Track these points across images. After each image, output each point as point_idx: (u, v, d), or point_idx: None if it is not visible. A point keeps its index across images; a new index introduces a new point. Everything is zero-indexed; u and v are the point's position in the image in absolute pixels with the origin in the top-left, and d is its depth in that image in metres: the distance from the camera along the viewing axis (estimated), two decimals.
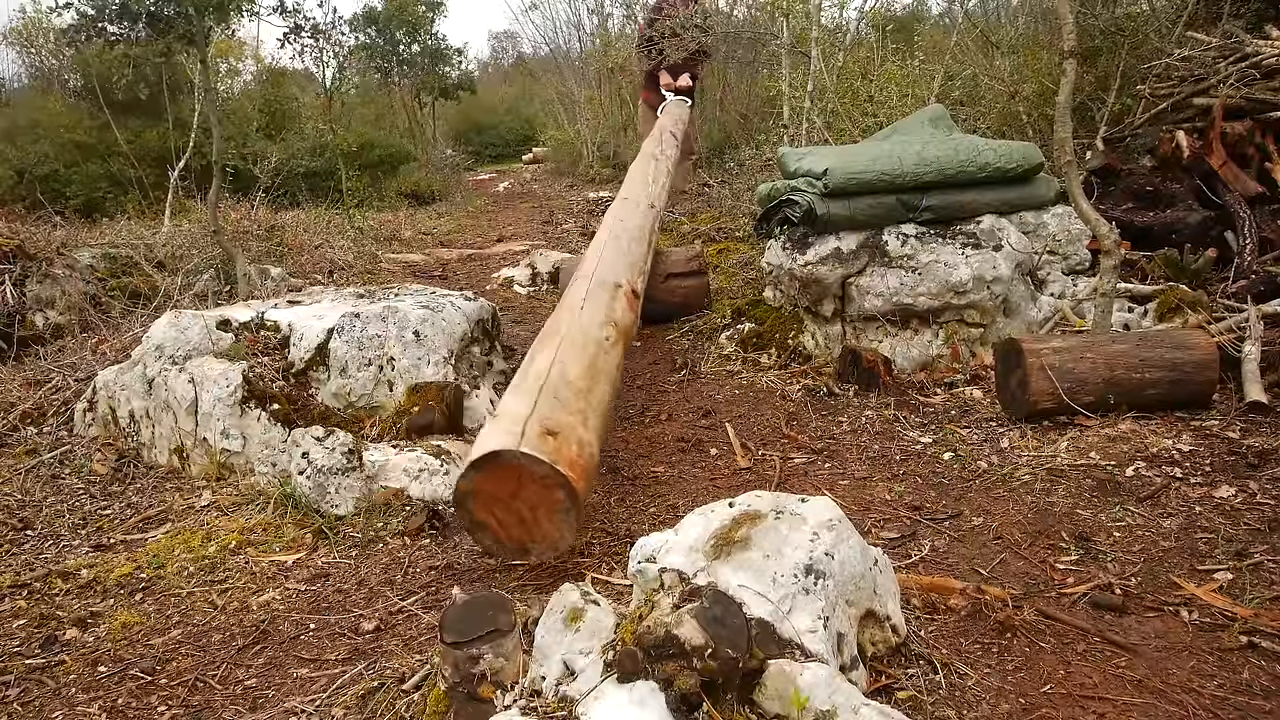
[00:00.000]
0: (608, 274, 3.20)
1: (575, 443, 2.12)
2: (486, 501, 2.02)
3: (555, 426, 2.10)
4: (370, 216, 8.80)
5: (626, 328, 2.94)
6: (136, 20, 4.86)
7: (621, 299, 3.04)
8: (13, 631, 2.15)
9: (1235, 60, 4.34)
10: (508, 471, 1.99)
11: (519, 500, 2.00)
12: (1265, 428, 2.71)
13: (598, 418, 2.31)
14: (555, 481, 1.97)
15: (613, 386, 2.56)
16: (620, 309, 2.96)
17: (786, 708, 1.40)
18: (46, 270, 4.54)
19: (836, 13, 7.78)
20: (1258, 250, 3.68)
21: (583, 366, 2.47)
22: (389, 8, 12.12)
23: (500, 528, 2.04)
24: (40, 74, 12.32)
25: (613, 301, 2.97)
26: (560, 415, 2.17)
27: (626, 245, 3.59)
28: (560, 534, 2.02)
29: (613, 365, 2.63)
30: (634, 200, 4.34)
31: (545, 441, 2.03)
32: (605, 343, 2.67)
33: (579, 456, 2.09)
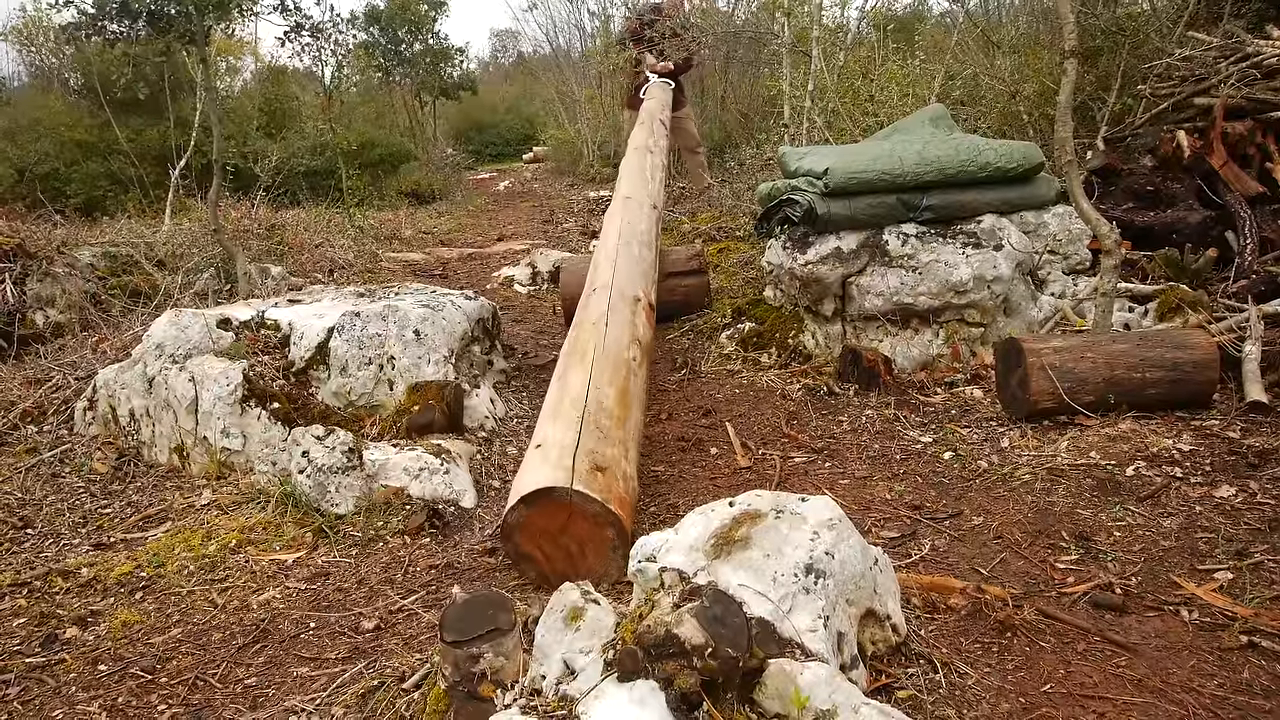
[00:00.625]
0: (626, 286, 3.17)
1: (621, 478, 2.12)
2: (534, 535, 2.02)
3: (603, 461, 2.11)
4: (370, 215, 8.80)
5: (649, 345, 2.94)
6: (136, 19, 4.86)
7: (641, 314, 3.03)
8: (13, 630, 2.15)
9: (1236, 60, 4.33)
10: (558, 508, 1.99)
11: (567, 535, 2.01)
12: (1265, 427, 2.71)
13: (635, 448, 2.32)
14: (606, 520, 1.98)
15: (643, 411, 2.55)
16: (642, 324, 2.96)
17: (787, 707, 1.40)
18: (47, 269, 4.54)
19: (837, 12, 7.77)
20: (1258, 250, 3.68)
21: (617, 391, 2.47)
22: (391, 6, 12.12)
23: (546, 561, 2.04)
24: (40, 72, 12.32)
25: (634, 317, 2.95)
26: (605, 449, 2.17)
27: (638, 252, 3.57)
28: (606, 569, 2.02)
29: (641, 388, 2.63)
30: (638, 201, 4.30)
31: (595, 479, 2.03)
32: (633, 364, 2.66)
33: (626, 493, 2.10)
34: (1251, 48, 4.34)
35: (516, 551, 2.04)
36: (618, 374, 2.54)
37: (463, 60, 13.85)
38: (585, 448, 2.13)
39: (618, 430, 2.28)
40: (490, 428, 3.21)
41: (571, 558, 2.02)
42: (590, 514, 1.98)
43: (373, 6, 12.28)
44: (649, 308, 3.17)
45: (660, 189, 4.58)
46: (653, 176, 4.69)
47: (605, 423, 2.27)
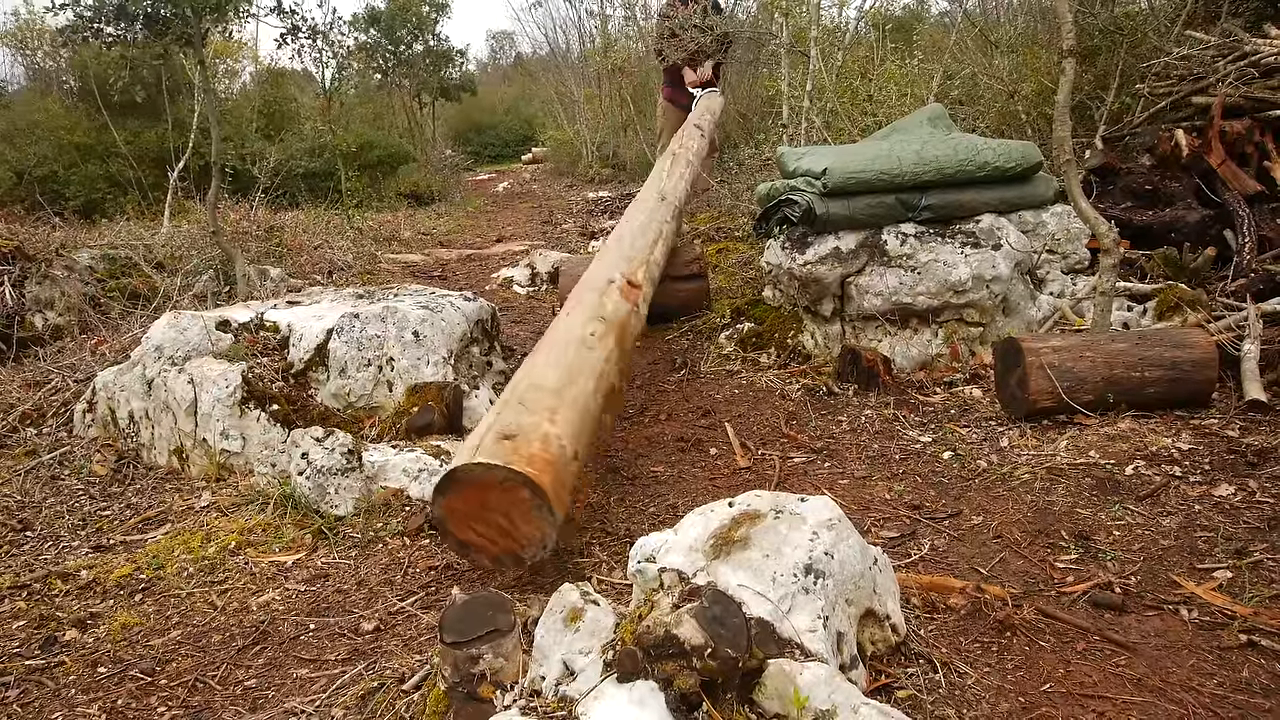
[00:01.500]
0: (599, 274, 3.16)
1: (538, 440, 2.06)
2: (463, 520, 2.00)
3: (514, 430, 2.06)
4: (369, 217, 8.81)
5: (620, 319, 2.86)
6: (133, 21, 4.86)
7: (614, 292, 2.98)
8: (12, 632, 2.15)
9: (1234, 59, 4.34)
10: (470, 487, 1.97)
11: (490, 510, 1.98)
12: (1264, 426, 2.71)
13: (572, 411, 2.25)
14: (515, 482, 1.94)
15: (597, 379, 2.47)
16: (611, 302, 2.91)
17: (786, 707, 1.40)
18: (45, 271, 4.54)
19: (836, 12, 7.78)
20: (1257, 249, 3.68)
21: (558, 369, 2.43)
22: (392, 7, 12.13)
23: (488, 542, 2.02)
24: (38, 75, 12.32)
25: (601, 298, 2.91)
26: (522, 418, 2.13)
27: (629, 242, 3.54)
28: (543, 531, 1.98)
29: (598, 358, 2.56)
30: (643, 198, 4.29)
31: (500, 446, 2.00)
32: (589, 339, 2.62)
33: (541, 451, 2.04)
34: (1249, 46, 4.35)
35: (457, 544, 2.03)
36: (563, 352, 2.51)
37: (463, 62, 13.87)
38: (500, 424, 2.11)
39: (547, 400, 2.22)
40: None
41: (506, 532, 1.99)
42: (497, 481, 1.94)
43: (372, 8, 12.29)
44: (628, 285, 3.10)
45: (679, 183, 4.51)
46: (669, 174, 4.63)
47: (531, 396, 2.23)
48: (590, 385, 2.42)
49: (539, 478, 1.94)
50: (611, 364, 2.62)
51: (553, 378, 2.36)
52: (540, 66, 16.62)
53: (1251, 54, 4.29)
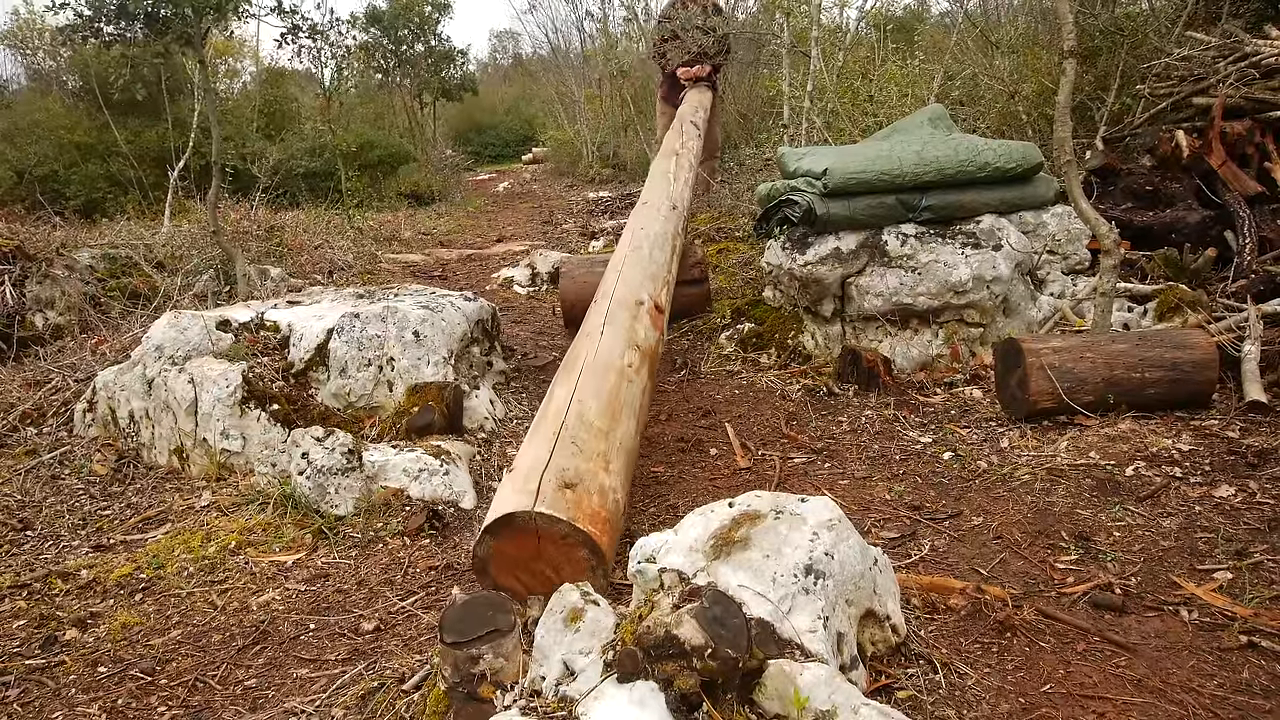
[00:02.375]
0: (628, 292, 3.02)
1: (596, 492, 1.97)
2: (508, 565, 1.90)
3: (573, 477, 1.95)
4: (370, 217, 8.82)
5: (651, 348, 2.77)
6: (133, 20, 4.86)
7: (644, 317, 2.86)
8: (13, 632, 2.15)
9: (1235, 60, 4.34)
10: (525, 534, 1.86)
11: (541, 561, 1.88)
12: (1265, 427, 2.71)
13: (622, 458, 2.15)
14: (577, 540, 1.84)
15: (638, 418, 2.38)
16: (643, 329, 2.79)
17: (786, 707, 1.40)
18: (46, 271, 4.54)
19: (837, 13, 7.78)
20: (1257, 249, 3.68)
21: (603, 402, 2.31)
22: (395, 7, 12.13)
23: (526, 590, 1.92)
24: (39, 75, 12.33)
25: (634, 323, 2.78)
26: (579, 463, 2.01)
27: (649, 254, 3.42)
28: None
29: (637, 393, 2.46)
30: (654, 204, 4.17)
31: (562, 496, 1.89)
32: (628, 370, 2.51)
33: (601, 507, 1.94)
34: (1250, 47, 4.35)
35: (494, 585, 1.91)
36: (605, 382, 2.40)
37: (464, 62, 13.87)
38: (555, 466, 1.99)
39: (598, 442, 2.12)
40: (490, 429, 3.21)
41: (550, 584, 1.85)
42: (558, 535, 1.84)
43: (373, 7, 12.30)
44: (655, 310, 3.01)
45: (685, 189, 4.43)
46: (675, 178, 4.56)
47: (583, 436, 2.12)
48: (633, 425, 2.34)
49: (600, 538, 1.85)
50: (646, 397, 2.53)
51: (599, 413, 2.26)
52: (541, 66, 16.63)
53: (1252, 55, 4.29)
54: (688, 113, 6.24)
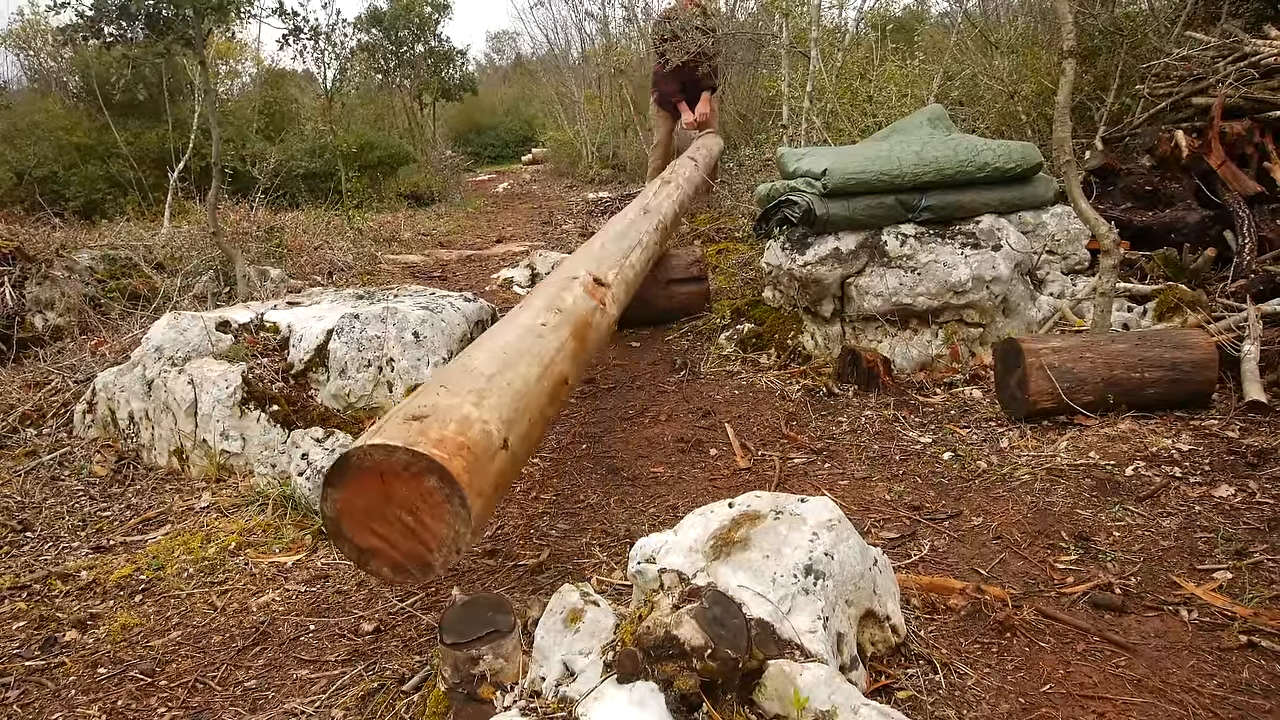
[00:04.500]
0: (562, 273, 2.95)
1: (454, 422, 1.72)
2: (361, 520, 1.63)
3: (424, 411, 1.73)
4: (370, 217, 8.82)
5: (581, 313, 2.61)
6: (134, 21, 4.86)
7: (576, 287, 2.74)
8: (12, 633, 2.15)
9: (1234, 60, 4.34)
10: (367, 475, 1.61)
11: (394, 505, 1.63)
12: (1264, 427, 2.71)
13: (504, 396, 1.93)
14: (420, 468, 1.57)
15: (543, 366, 2.17)
16: (572, 296, 2.67)
17: (786, 708, 1.40)
18: (46, 272, 4.54)
19: (836, 13, 7.79)
20: (1257, 249, 3.68)
21: (492, 353, 2.10)
22: (395, 8, 12.15)
23: (391, 547, 1.65)
24: (39, 76, 12.34)
25: (562, 292, 2.67)
26: (437, 400, 1.79)
27: (601, 245, 3.39)
28: (454, 530, 1.59)
29: (547, 347, 2.26)
30: (624, 211, 4.20)
31: (405, 428, 1.65)
32: (539, 327, 2.34)
33: (457, 434, 1.69)
34: (1249, 47, 4.35)
35: (356, 550, 1.65)
36: (501, 338, 2.23)
37: (464, 62, 13.89)
38: (409, 408, 1.77)
39: (470, 383, 1.91)
40: None
41: (412, 531, 1.62)
42: (399, 467, 1.58)
43: (374, 8, 12.31)
44: (593, 283, 2.87)
45: (665, 201, 4.40)
46: (655, 192, 4.57)
47: (456, 380, 1.92)
48: (534, 371, 2.11)
49: (448, 461, 1.60)
50: (565, 354, 2.33)
51: (486, 362, 2.04)
52: (540, 67, 16.64)
53: (1251, 55, 4.29)
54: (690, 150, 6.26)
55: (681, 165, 5.54)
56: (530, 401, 2.00)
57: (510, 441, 1.81)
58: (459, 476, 1.57)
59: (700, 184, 5.91)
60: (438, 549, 1.59)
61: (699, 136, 6.94)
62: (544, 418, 2.08)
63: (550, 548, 2.40)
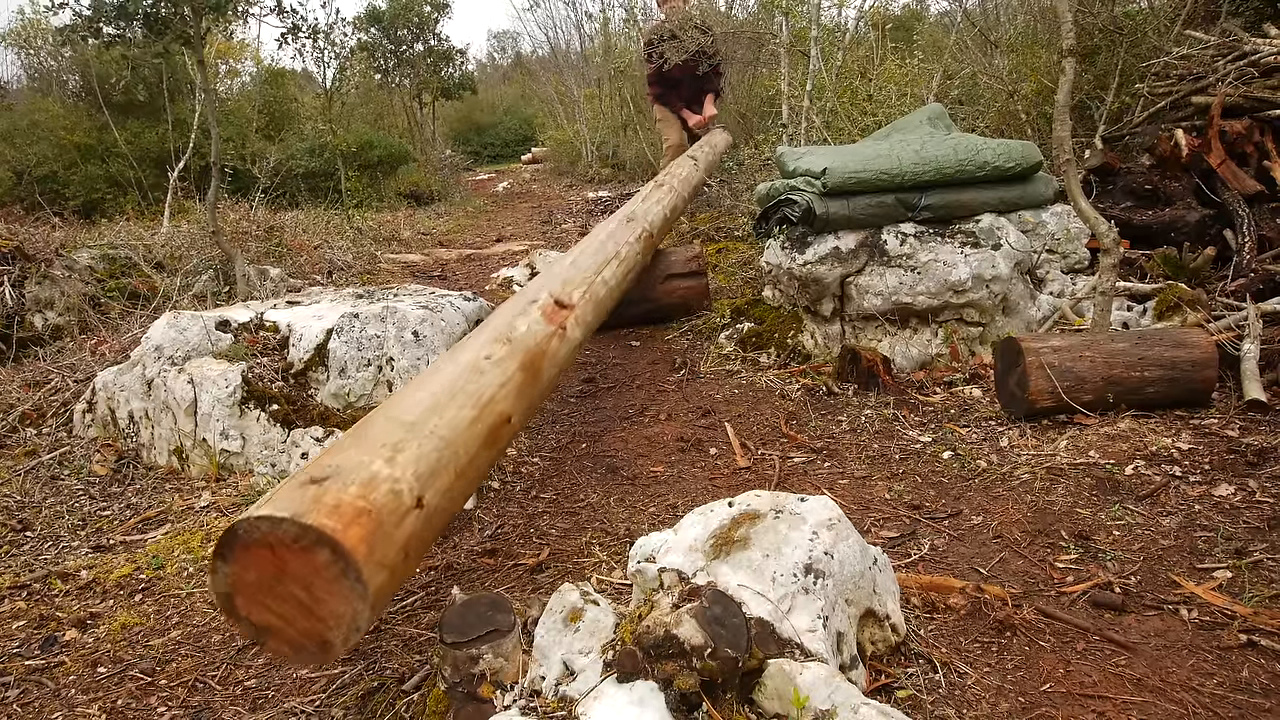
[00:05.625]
0: (522, 295, 2.73)
1: (357, 484, 1.51)
2: (256, 595, 1.44)
3: (326, 471, 1.53)
4: (369, 217, 8.82)
5: (534, 342, 2.37)
6: (133, 21, 4.86)
7: (534, 312, 2.53)
8: (12, 632, 2.15)
9: (1234, 58, 4.34)
10: (257, 548, 1.43)
11: (289, 580, 1.44)
12: (1264, 426, 2.71)
13: (425, 446, 1.70)
14: (310, 540, 1.40)
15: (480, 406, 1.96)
16: (526, 323, 2.44)
17: (786, 707, 1.40)
18: (45, 271, 4.54)
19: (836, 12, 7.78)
20: (1256, 248, 3.68)
21: (423, 394, 1.88)
22: (394, 7, 12.14)
23: (288, 624, 1.47)
24: (39, 75, 12.34)
25: (515, 319, 2.45)
26: (343, 457, 1.58)
27: (572, 261, 3.16)
28: (353, 607, 1.41)
29: (487, 384, 2.04)
30: (607, 220, 3.99)
31: (299, 494, 1.46)
32: (484, 362, 2.14)
33: (357, 498, 1.49)
34: (1249, 46, 4.35)
35: (252, 627, 1.45)
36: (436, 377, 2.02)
37: (463, 61, 13.89)
38: (313, 467, 1.55)
39: (392, 433, 1.70)
40: None
41: (309, 608, 1.45)
42: (289, 540, 1.41)
43: (373, 7, 12.31)
44: (554, 305, 2.69)
45: (654, 207, 4.32)
46: (645, 198, 4.47)
47: (375, 430, 1.72)
48: (466, 413, 1.89)
49: (342, 533, 1.43)
50: (509, 390, 2.12)
51: (413, 406, 1.83)
52: (540, 66, 16.63)
53: (1251, 54, 4.29)
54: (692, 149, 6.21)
55: (679, 166, 5.48)
56: (458, 450, 1.79)
57: (427, 499, 1.61)
58: (354, 549, 1.41)
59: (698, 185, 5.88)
60: (336, 627, 1.42)
61: (705, 133, 6.95)
62: (475, 465, 1.87)
63: (550, 547, 2.40)
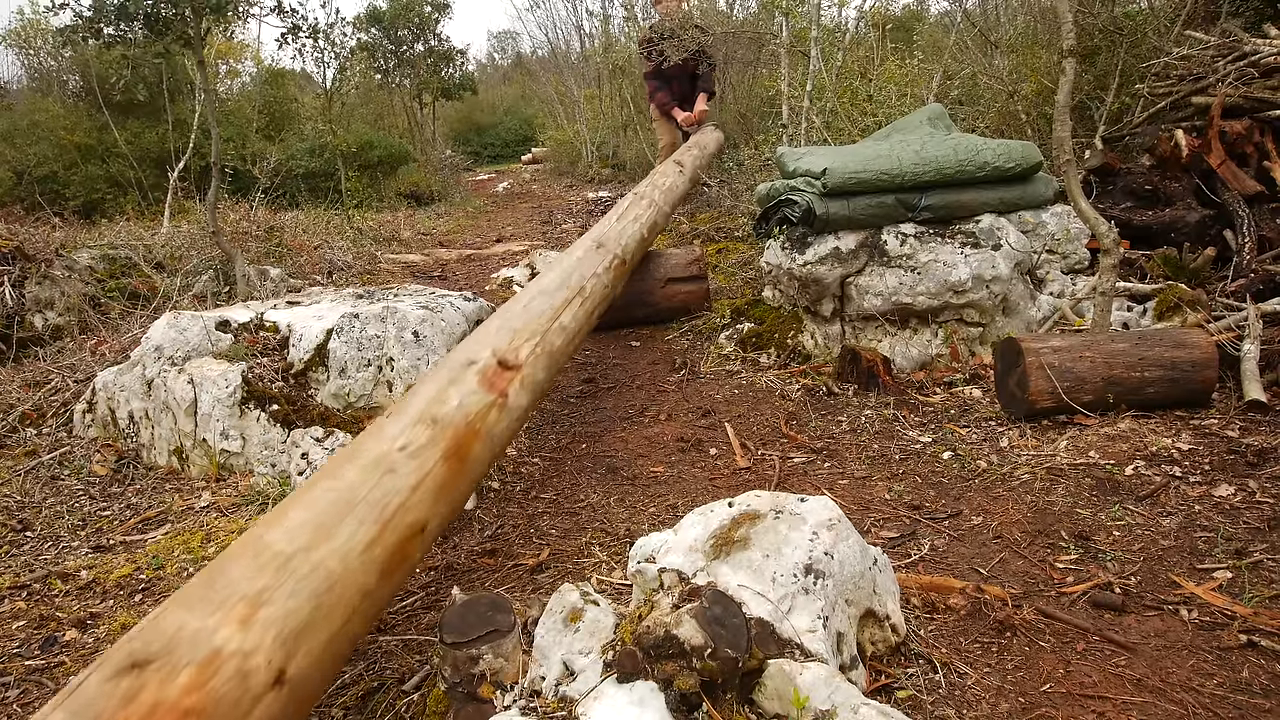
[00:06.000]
0: (462, 352, 2.33)
1: (192, 664, 1.17)
2: None
3: (151, 653, 1.18)
4: (369, 217, 8.82)
5: (464, 420, 2.00)
6: (133, 21, 4.87)
7: (470, 378, 2.16)
8: (12, 633, 2.15)
9: (1234, 59, 4.34)
10: None
11: None
12: (1264, 426, 2.71)
13: (301, 594, 1.35)
14: None
15: (382, 522, 1.59)
16: (459, 394, 2.07)
17: (786, 707, 1.40)
18: (45, 271, 4.54)
19: (836, 12, 7.78)
20: (1256, 249, 3.68)
21: (309, 516, 1.51)
22: (395, 7, 12.15)
23: None
24: (39, 75, 12.34)
25: (446, 388, 2.08)
26: (186, 621, 1.24)
27: (522, 306, 2.73)
28: None
29: (395, 490, 1.67)
30: (575, 246, 3.53)
31: (110, 689, 1.13)
32: (399, 455, 1.77)
33: (192, 687, 1.16)
34: (1249, 46, 4.35)
35: None
36: (340, 481, 1.64)
37: (463, 62, 13.90)
38: (137, 639, 1.21)
39: (258, 576, 1.35)
40: None
41: None
42: None
43: (374, 7, 12.32)
44: (498, 367, 2.29)
45: (630, 227, 3.98)
46: (623, 216, 4.12)
47: (232, 573, 1.35)
48: (363, 534, 1.54)
49: None
50: (426, 492, 1.75)
51: (293, 530, 1.47)
52: (540, 66, 16.64)
53: (1251, 54, 4.29)
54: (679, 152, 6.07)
55: (663, 175, 5.21)
56: (347, 590, 1.44)
57: (292, 670, 1.27)
58: None
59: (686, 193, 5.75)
60: None
61: (696, 132, 6.93)
62: (371, 602, 1.51)
63: (550, 547, 2.40)
